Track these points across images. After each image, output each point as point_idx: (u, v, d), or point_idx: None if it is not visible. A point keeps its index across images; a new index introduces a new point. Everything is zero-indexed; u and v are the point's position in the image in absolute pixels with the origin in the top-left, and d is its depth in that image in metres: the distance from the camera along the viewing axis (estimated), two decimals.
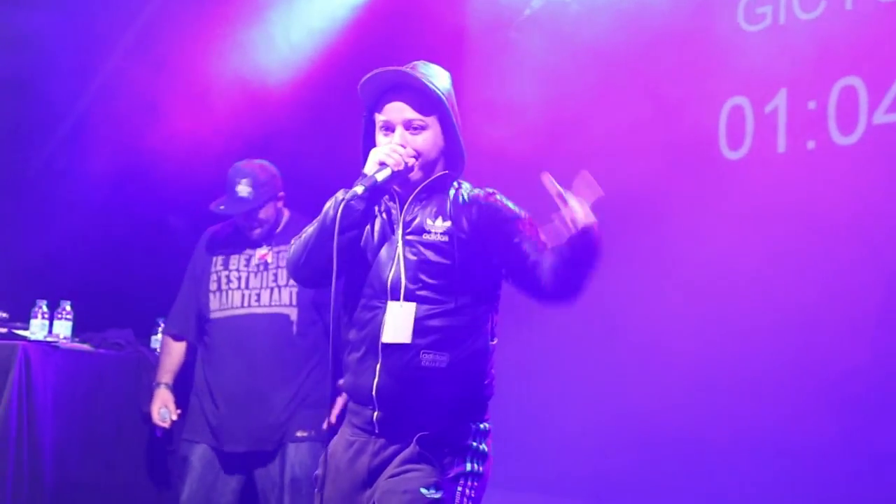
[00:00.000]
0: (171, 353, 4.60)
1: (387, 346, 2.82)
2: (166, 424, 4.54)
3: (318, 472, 2.95)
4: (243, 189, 4.45)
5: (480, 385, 2.89)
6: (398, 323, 2.81)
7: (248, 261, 4.50)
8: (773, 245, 4.43)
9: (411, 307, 2.80)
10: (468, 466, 2.83)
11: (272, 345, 4.39)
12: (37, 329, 4.56)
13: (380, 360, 2.83)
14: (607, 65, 5.02)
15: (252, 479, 4.46)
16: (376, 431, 2.86)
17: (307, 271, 2.93)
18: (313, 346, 4.44)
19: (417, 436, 2.80)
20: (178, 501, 4.50)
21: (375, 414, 2.85)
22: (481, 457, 2.86)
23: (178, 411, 4.56)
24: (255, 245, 4.53)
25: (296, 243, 2.97)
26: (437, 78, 2.94)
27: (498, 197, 2.94)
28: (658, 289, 4.74)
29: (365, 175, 2.84)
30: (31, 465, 4.25)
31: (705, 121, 4.73)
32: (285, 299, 4.44)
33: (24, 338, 4.44)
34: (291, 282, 4.36)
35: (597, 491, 4.83)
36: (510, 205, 2.92)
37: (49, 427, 4.37)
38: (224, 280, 4.49)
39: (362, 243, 2.92)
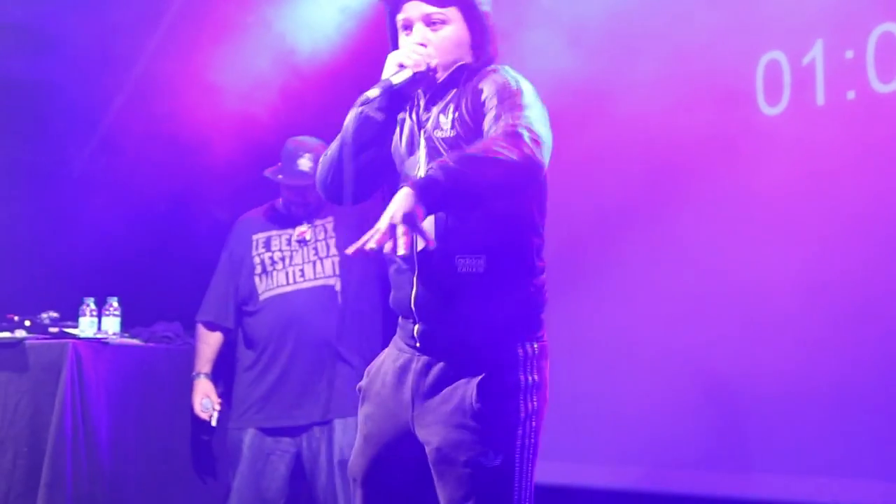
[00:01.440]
0: (208, 341, 4.65)
1: (421, 254, 2.62)
2: (208, 415, 4.58)
3: (362, 383, 2.82)
4: (305, 163, 4.54)
5: (526, 293, 2.65)
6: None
7: (289, 240, 4.57)
8: (820, 201, 4.35)
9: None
10: (522, 407, 2.59)
11: (320, 317, 4.44)
12: (86, 327, 4.61)
13: (416, 269, 2.64)
14: (637, 29, 4.95)
15: (300, 463, 4.49)
16: (418, 346, 2.68)
17: (334, 189, 2.77)
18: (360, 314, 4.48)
19: (476, 383, 2.57)
20: (229, 490, 4.54)
21: (416, 327, 2.67)
22: (536, 389, 2.63)
23: (220, 401, 4.60)
24: (294, 223, 4.58)
25: (321, 165, 2.82)
26: None
27: (492, 70, 2.66)
28: (708, 248, 4.67)
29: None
30: (89, 461, 4.31)
31: (742, 78, 4.66)
32: (328, 270, 4.50)
33: (74, 336, 4.50)
34: (332, 252, 4.44)
35: (654, 459, 4.80)
36: (502, 77, 2.62)
37: (104, 423, 4.42)
38: (268, 261, 4.55)
39: (393, 149, 2.78)
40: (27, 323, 4.63)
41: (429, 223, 2.52)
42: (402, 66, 2.64)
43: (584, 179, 5.00)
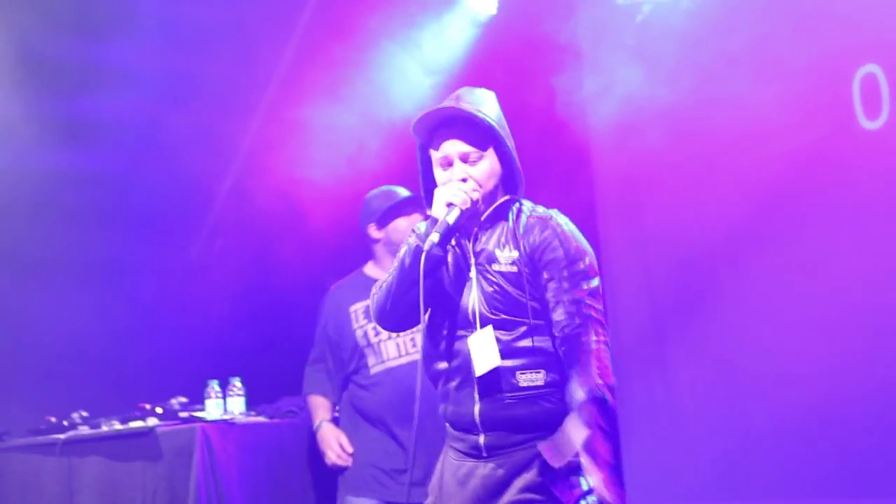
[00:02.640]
0: (321, 402, 4.65)
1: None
2: (345, 460, 4.54)
3: (430, 500, 2.99)
4: (404, 191, 4.58)
5: None
6: (484, 350, 2.86)
7: None
8: None
9: (489, 331, 2.85)
10: (585, 483, 2.79)
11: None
12: (212, 409, 4.69)
13: (476, 386, 2.89)
14: (728, 53, 4.90)
15: None
16: (484, 455, 2.90)
17: (394, 318, 3.00)
18: None
19: (534, 462, 2.82)
20: None
21: (482, 438, 2.90)
22: None
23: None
24: None
25: (376, 293, 3.02)
26: (485, 104, 2.96)
27: (553, 223, 2.93)
28: (810, 271, 4.59)
29: (435, 220, 2.89)
30: None
31: (839, 94, 4.58)
32: None
33: (202, 419, 4.59)
34: None
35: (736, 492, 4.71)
36: (570, 244, 2.91)
37: (239, 501, 4.49)
38: (372, 332, 4.54)
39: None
40: (158, 410, 4.74)
41: (491, 344, 2.84)
42: (450, 205, 2.88)
43: (690, 206, 4.97)
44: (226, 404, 4.74)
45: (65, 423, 4.84)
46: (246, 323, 5.65)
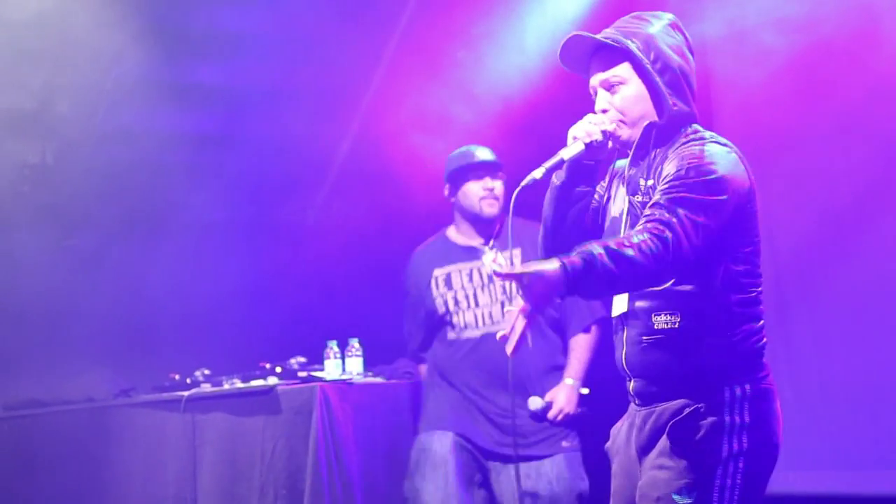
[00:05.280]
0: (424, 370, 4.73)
1: (624, 316, 2.77)
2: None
3: (608, 444, 2.92)
4: (484, 153, 4.53)
5: (729, 341, 2.67)
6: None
7: (471, 276, 4.52)
8: None
9: None
10: (725, 449, 2.62)
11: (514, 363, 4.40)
12: (331, 369, 4.75)
13: (624, 330, 2.78)
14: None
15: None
16: (637, 402, 2.80)
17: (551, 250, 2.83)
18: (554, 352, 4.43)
19: (669, 424, 2.65)
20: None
21: (632, 384, 2.80)
22: (743, 430, 2.64)
23: None
24: (474, 257, 4.54)
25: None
26: (637, 27, 2.77)
27: (692, 149, 2.66)
28: None
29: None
30: (345, 498, 4.44)
31: None
32: None
33: (321, 379, 4.65)
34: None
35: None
36: (697, 148, 2.65)
37: (355, 460, 4.54)
38: (451, 301, 4.56)
39: (601, 208, 2.91)
40: (278, 369, 4.81)
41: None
42: (575, 139, 2.77)
43: (818, 168, 4.83)
44: (344, 364, 4.80)
45: (188, 380, 4.96)
46: (364, 284, 5.69)
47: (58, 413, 5.19)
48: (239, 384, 4.78)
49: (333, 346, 4.80)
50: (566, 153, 2.76)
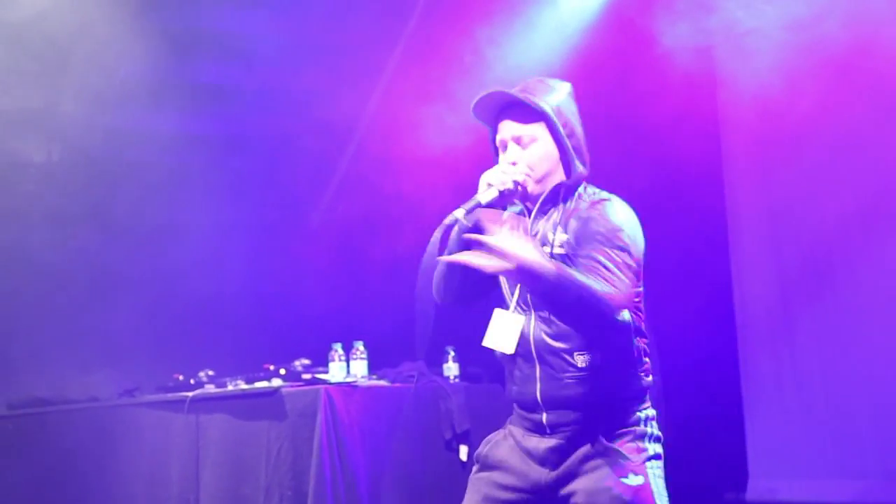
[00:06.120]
0: None
1: (542, 353, 2.97)
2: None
3: (481, 451, 3.10)
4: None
5: (637, 374, 2.98)
6: (504, 332, 2.99)
7: None
8: None
9: (518, 318, 2.98)
10: (650, 449, 2.96)
11: None
12: (336, 371, 4.75)
13: (538, 367, 2.98)
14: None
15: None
16: (548, 432, 3.00)
17: (442, 294, 3.13)
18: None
19: (597, 432, 2.93)
20: None
21: (545, 416, 3.00)
22: (656, 439, 3.00)
23: None
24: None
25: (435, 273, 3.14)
26: (547, 92, 3.02)
27: (603, 206, 2.95)
28: None
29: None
30: (348, 501, 4.44)
31: None
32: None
33: (325, 381, 4.65)
34: None
35: None
36: (610, 220, 2.92)
37: (360, 463, 4.54)
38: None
39: None
40: (282, 371, 4.82)
41: (514, 331, 2.97)
42: (490, 185, 2.97)
43: (822, 176, 4.84)
44: (349, 367, 4.80)
45: (192, 381, 4.96)
46: (369, 287, 5.69)
47: (62, 412, 5.20)
48: (243, 385, 4.79)
49: (338, 348, 4.80)
50: (483, 197, 2.95)
